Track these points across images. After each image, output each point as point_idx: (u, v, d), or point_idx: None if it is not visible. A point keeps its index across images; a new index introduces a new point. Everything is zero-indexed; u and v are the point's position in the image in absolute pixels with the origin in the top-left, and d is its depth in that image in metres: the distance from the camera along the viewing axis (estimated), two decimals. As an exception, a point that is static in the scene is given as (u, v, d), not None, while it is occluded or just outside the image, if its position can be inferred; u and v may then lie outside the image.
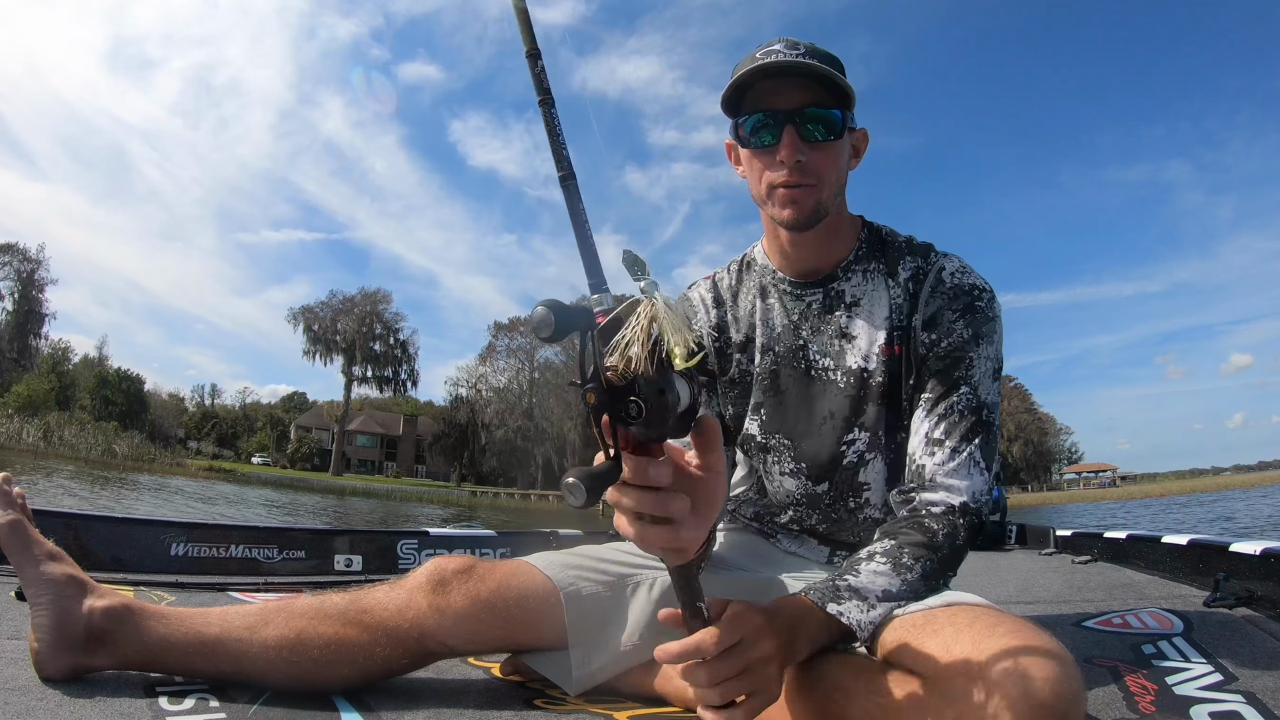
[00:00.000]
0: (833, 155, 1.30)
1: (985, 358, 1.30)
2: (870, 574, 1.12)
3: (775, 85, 1.28)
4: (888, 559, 1.14)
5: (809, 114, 1.27)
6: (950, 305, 1.32)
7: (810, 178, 1.29)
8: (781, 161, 1.28)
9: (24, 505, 1.21)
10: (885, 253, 1.40)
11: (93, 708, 1.03)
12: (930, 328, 1.32)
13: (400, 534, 3.08)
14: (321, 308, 62.27)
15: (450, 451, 65.43)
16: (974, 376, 1.28)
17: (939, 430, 1.26)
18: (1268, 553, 2.15)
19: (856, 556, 1.18)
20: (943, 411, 1.27)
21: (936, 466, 1.24)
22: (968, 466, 1.24)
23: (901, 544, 1.16)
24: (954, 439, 1.25)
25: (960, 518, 1.21)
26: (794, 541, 1.46)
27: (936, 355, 1.31)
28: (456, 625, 1.19)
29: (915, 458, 1.28)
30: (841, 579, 1.11)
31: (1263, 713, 1.22)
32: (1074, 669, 0.90)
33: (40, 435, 39.26)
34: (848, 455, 1.38)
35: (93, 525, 2.52)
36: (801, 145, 1.27)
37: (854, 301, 1.39)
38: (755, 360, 1.45)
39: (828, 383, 1.39)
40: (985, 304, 1.32)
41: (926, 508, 1.22)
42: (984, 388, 1.28)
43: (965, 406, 1.27)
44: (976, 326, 1.30)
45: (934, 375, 1.30)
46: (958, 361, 1.29)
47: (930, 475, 1.24)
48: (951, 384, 1.28)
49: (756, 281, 1.48)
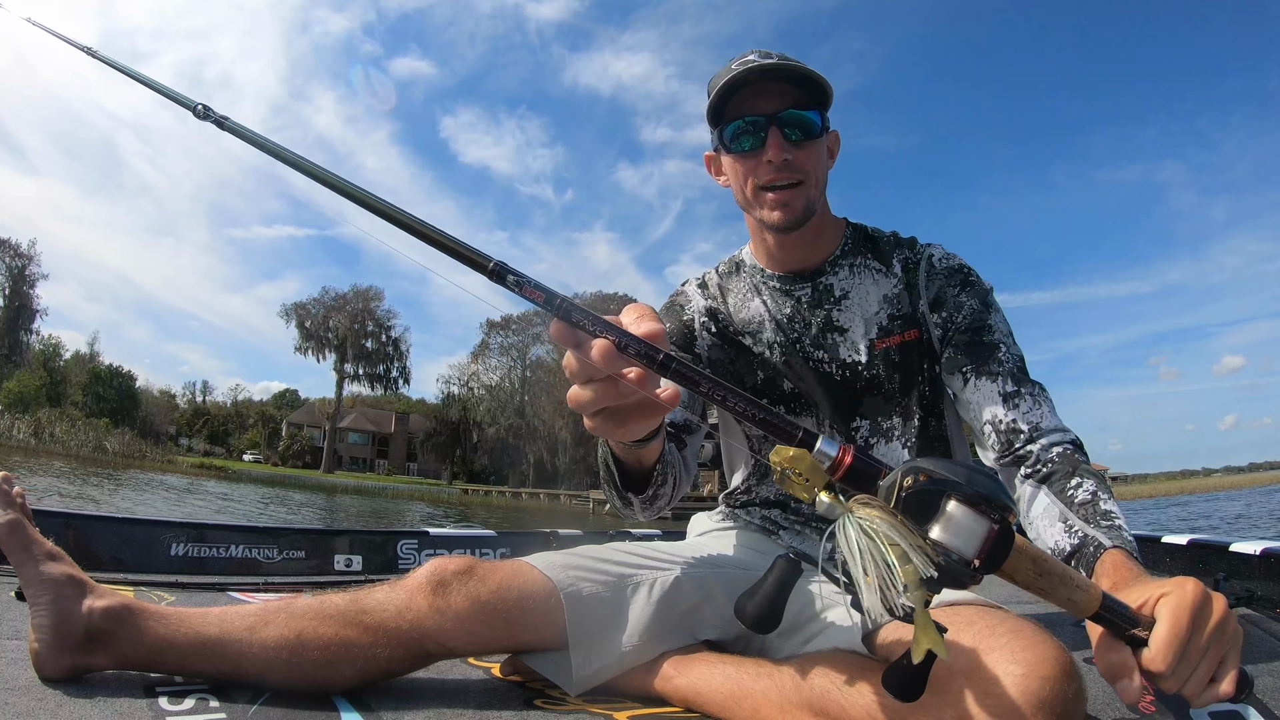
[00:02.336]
0: (815, 154, 1.36)
1: (1001, 321, 1.39)
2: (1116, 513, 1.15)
3: (755, 91, 1.33)
4: (1109, 494, 1.18)
5: (790, 116, 1.33)
6: (949, 283, 1.40)
7: (798, 175, 1.34)
8: (769, 161, 1.33)
9: (24, 505, 1.20)
10: (874, 247, 1.46)
11: (92, 708, 1.02)
12: (938, 308, 1.39)
13: (400, 534, 3.07)
14: (314, 304, 62.31)
15: (442, 449, 65.42)
16: (1001, 339, 1.36)
17: (1009, 385, 1.32)
18: (1268, 553, 2.16)
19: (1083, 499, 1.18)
20: (999, 370, 1.33)
21: (1030, 415, 1.30)
22: (1052, 410, 1.32)
23: (1101, 478, 1.21)
24: (1027, 387, 1.32)
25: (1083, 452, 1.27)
26: (796, 538, 1.47)
27: (959, 329, 1.37)
28: (456, 626, 1.19)
29: (1000, 418, 1.32)
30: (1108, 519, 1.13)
31: (1263, 713, 1.22)
32: (1075, 669, 0.91)
33: (31, 432, 39.12)
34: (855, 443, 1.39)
35: (92, 525, 2.51)
36: (787, 145, 1.33)
37: (843, 294, 1.44)
38: (756, 351, 1.49)
39: (824, 375, 1.43)
40: (977, 278, 1.42)
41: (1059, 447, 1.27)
42: (1013, 345, 1.37)
43: (1014, 363, 1.35)
44: (981, 296, 1.39)
45: (967, 348, 1.36)
46: (981, 329, 1.37)
47: (1031, 424, 1.29)
48: (990, 348, 1.35)
49: (747, 281, 1.52)
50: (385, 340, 63.37)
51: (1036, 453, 1.27)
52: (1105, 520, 1.13)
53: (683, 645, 1.29)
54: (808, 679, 1.06)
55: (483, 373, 65.77)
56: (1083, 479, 1.20)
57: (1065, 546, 1.14)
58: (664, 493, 1.30)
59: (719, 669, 1.20)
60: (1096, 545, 1.10)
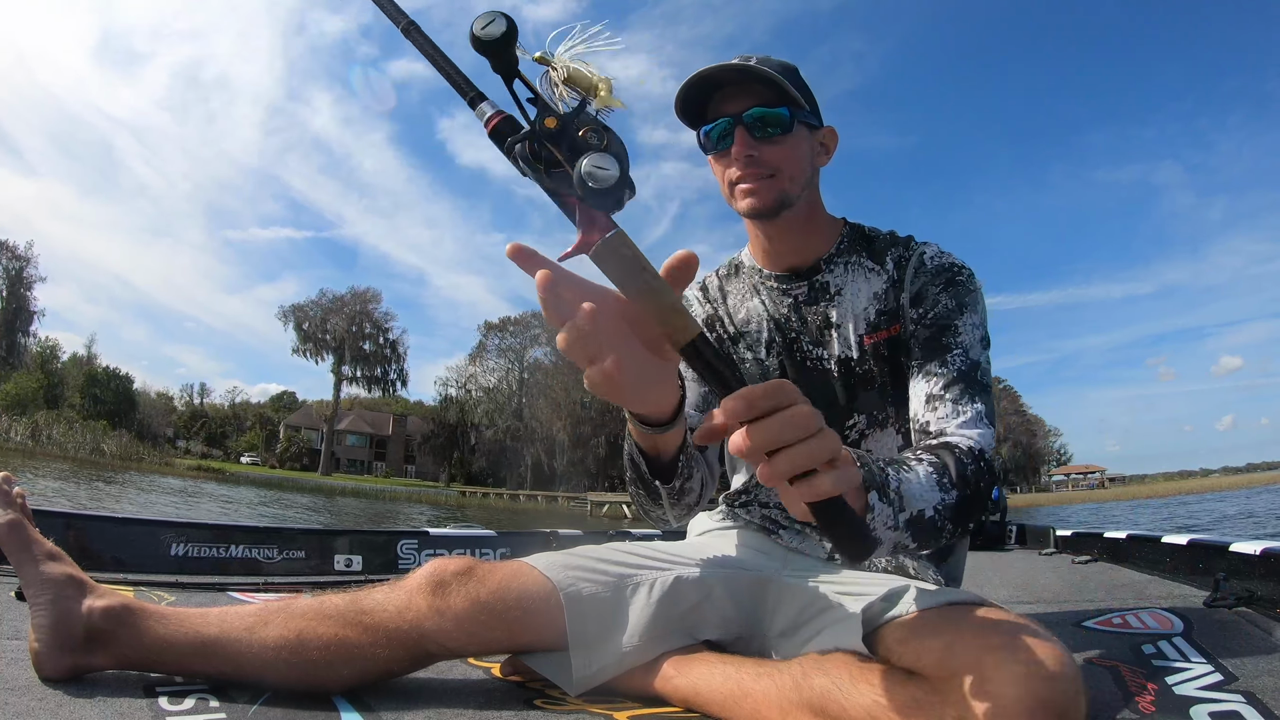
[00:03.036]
0: (786, 148, 1.38)
1: (971, 325, 1.36)
2: (917, 484, 1.08)
3: (726, 95, 1.39)
4: (932, 469, 1.12)
5: (755, 114, 1.36)
6: (933, 281, 1.39)
7: (765, 169, 1.37)
8: (736, 157, 1.38)
9: (24, 505, 1.20)
10: (869, 246, 1.48)
11: (92, 708, 1.02)
12: (916, 304, 1.40)
13: (400, 534, 3.07)
14: (311, 306, 62.24)
15: (440, 451, 65.43)
16: (963, 341, 1.34)
17: (937, 387, 1.31)
18: (1268, 553, 2.16)
19: (904, 457, 1.16)
20: (940, 372, 1.32)
21: (943, 420, 1.28)
22: (975, 420, 1.27)
23: (945, 462, 1.15)
24: (954, 393, 1.30)
25: (981, 462, 1.20)
26: (796, 537, 1.47)
27: (924, 325, 1.37)
28: (456, 626, 1.19)
29: (918, 417, 1.32)
30: (893, 474, 1.06)
31: (1263, 713, 1.22)
32: (1075, 669, 0.91)
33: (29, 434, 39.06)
34: (850, 436, 1.43)
35: (93, 525, 2.51)
36: (752, 142, 1.37)
37: (838, 291, 1.45)
38: (759, 353, 1.51)
39: (823, 372, 1.45)
40: (965, 279, 1.40)
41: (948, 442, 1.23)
42: (974, 351, 1.34)
43: (961, 366, 1.32)
44: (959, 297, 1.37)
45: (924, 343, 1.36)
46: (945, 328, 1.35)
47: (939, 429, 1.27)
48: (943, 348, 1.34)
49: (746, 281, 1.55)
50: (383, 342, 63.33)
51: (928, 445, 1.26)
52: (894, 471, 1.07)
53: (683, 645, 1.29)
54: (808, 679, 1.06)
55: (480, 375, 65.84)
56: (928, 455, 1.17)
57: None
58: (691, 487, 1.27)
59: (719, 669, 1.19)
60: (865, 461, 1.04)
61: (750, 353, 1.51)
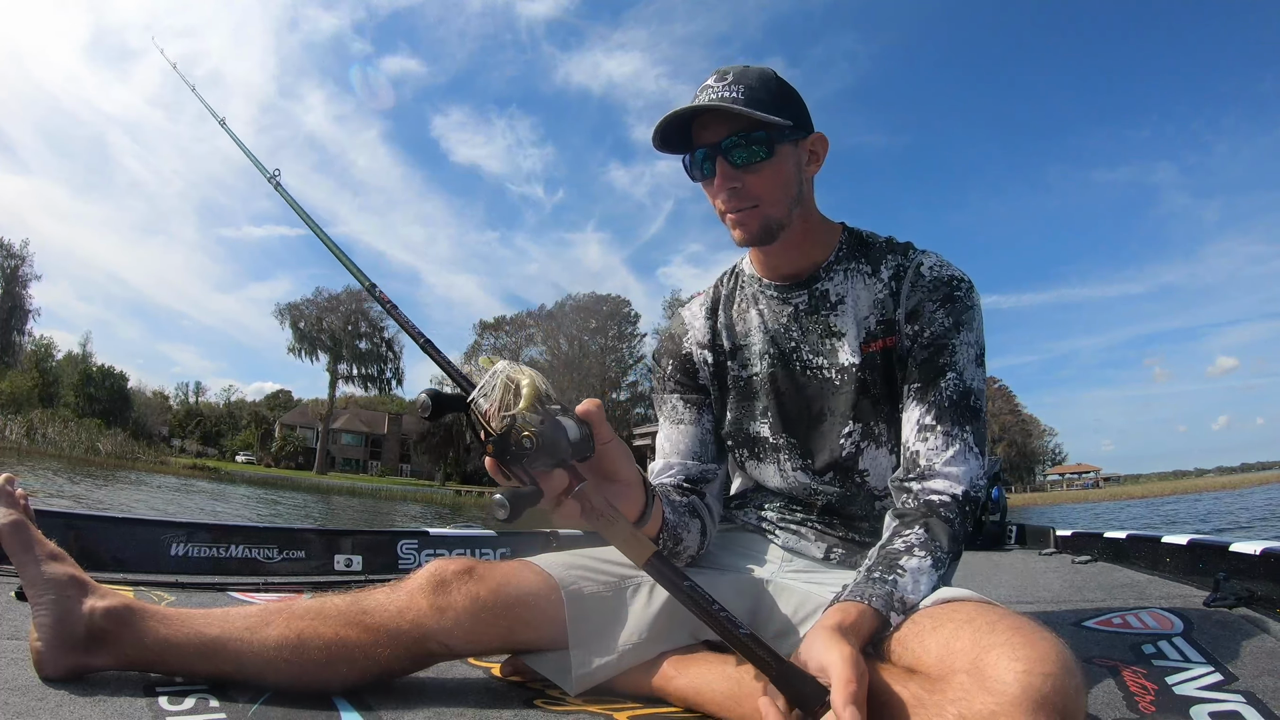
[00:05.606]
0: (768, 174, 1.35)
1: (967, 343, 1.35)
2: (914, 572, 1.15)
3: (703, 122, 1.36)
4: (927, 554, 1.18)
5: (733, 143, 1.33)
6: (930, 297, 1.36)
7: (747, 201, 1.35)
8: (718, 189, 1.36)
9: (26, 506, 1.21)
10: (867, 252, 1.45)
11: (93, 708, 1.02)
12: (913, 320, 1.37)
13: (400, 534, 3.07)
14: (307, 305, 62.00)
15: (435, 450, 65.23)
16: (958, 362, 1.33)
17: (929, 416, 1.31)
18: (1268, 553, 2.17)
19: (895, 549, 1.20)
20: (932, 398, 1.32)
21: (932, 453, 1.29)
22: (963, 453, 1.28)
23: (934, 535, 1.21)
24: (945, 424, 1.30)
25: (966, 506, 1.26)
26: (791, 537, 1.47)
27: (920, 344, 1.36)
28: (457, 626, 1.19)
29: (909, 445, 1.33)
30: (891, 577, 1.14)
31: (1263, 713, 1.23)
32: (1075, 668, 0.91)
33: (23, 432, 38.96)
34: (846, 447, 1.41)
35: (93, 525, 2.51)
36: (732, 172, 1.34)
37: (839, 299, 1.43)
38: (753, 366, 1.50)
39: (824, 381, 1.43)
40: (964, 293, 1.37)
41: (934, 495, 1.26)
42: (969, 373, 1.34)
43: (953, 392, 1.32)
44: (956, 315, 1.35)
45: (919, 364, 1.35)
46: (941, 349, 1.34)
47: (928, 463, 1.29)
48: (937, 371, 1.33)
49: (746, 291, 1.54)
50: (378, 341, 63.16)
51: (915, 491, 1.28)
52: (891, 571, 1.14)
53: (683, 645, 1.30)
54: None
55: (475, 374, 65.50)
56: (918, 530, 1.22)
57: (838, 587, 1.21)
58: (682, 550, 1.38)
59: (719, 669, 1.20)
60: (844, 589, 1.15)
61: (744, 370, 1.51)
